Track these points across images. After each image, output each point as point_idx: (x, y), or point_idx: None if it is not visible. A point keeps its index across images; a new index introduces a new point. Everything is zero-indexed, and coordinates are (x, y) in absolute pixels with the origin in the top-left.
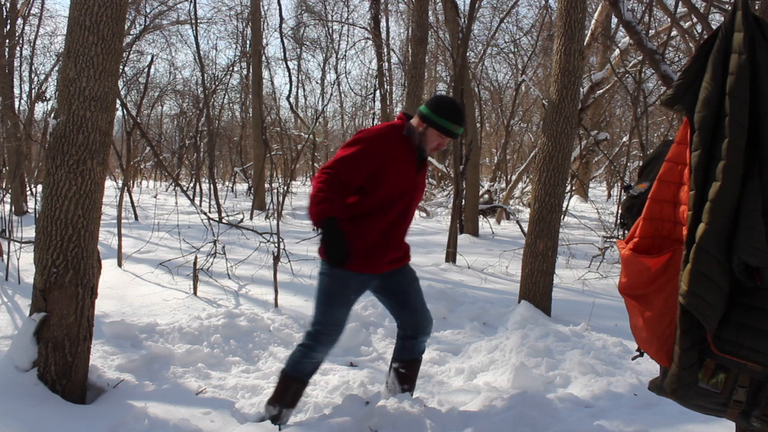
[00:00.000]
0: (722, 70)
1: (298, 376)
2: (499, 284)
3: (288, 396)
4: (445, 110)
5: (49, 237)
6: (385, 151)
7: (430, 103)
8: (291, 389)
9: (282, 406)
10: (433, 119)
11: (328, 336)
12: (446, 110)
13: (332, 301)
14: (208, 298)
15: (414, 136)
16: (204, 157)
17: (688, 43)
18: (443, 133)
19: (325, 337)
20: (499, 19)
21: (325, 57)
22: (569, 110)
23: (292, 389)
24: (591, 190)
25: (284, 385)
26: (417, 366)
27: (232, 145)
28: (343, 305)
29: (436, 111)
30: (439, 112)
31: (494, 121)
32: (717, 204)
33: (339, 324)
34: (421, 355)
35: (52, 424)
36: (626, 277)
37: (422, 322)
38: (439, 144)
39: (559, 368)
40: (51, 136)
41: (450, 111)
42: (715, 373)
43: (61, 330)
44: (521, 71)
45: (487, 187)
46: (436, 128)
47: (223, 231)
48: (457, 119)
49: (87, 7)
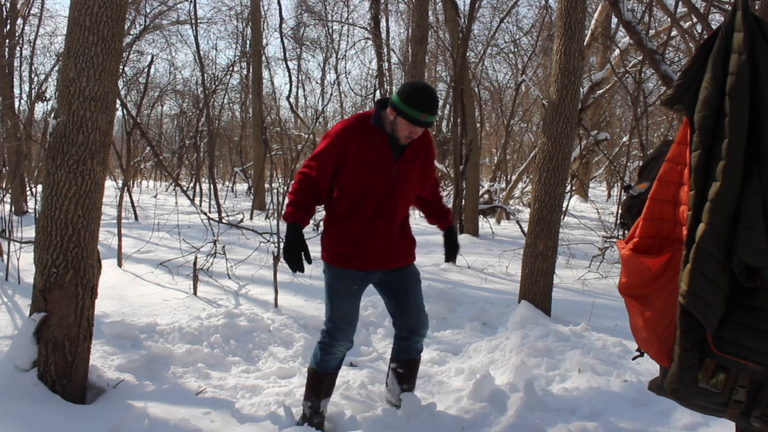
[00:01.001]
0: (722, 70)
1: (325, 371)
2: (499, 284)
3: (323, 389)
4: (412, 98)
5: (49, 237)
6: (350, 143)
7: (400, 90)
8: (324, 383)
9: (320, 398)
10: (401, 108)
11: (341, 330)
12: (414, 98)
13: (336, 296)
14: (208, 298)
15: (386, 124)
16: (204, 157)
17: (688, 43)
18: (411, 122)
19: (338, 332)
20: (499, 19)
21: (325, 57)
22: (569, 110)
23: (324, 383)
24: (591, 190)
25: (315, 380)
26: (414, 365)
27: (232, 145)
28: (347, 298)
29: (404, 99)
30: (406, 100)
31: (494, 121)
32: (717, 204)
33: (349, 317)
34: (418, 355)
35: (52, 424)
36: (626, 277)
37: (416, 324)
38: (410, 132)
39: (559, 368)
40: (51, 136)
41: (417, 99)
42: (715, 373)
43: (61, 330)
44: (521, 71)
45: (487, 187)
46: (404, 117)
47: (223, 231)
48: (426, 107)
49: (87, 7)
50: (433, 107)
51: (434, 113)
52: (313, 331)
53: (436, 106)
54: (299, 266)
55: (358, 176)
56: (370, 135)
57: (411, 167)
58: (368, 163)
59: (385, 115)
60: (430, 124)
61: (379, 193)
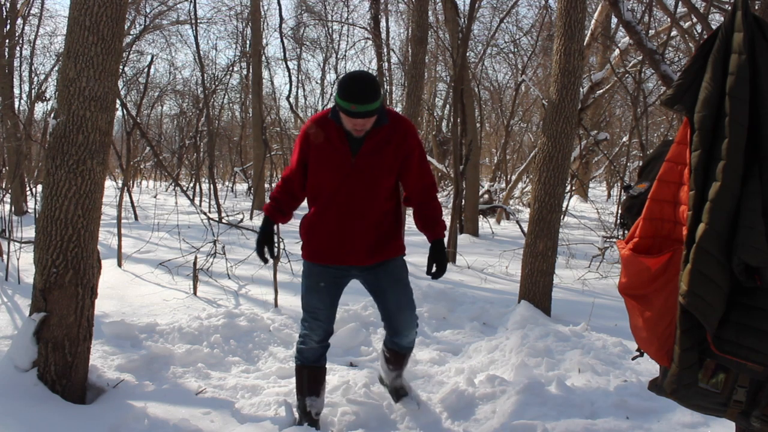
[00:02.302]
0: (722, 70)
1: (302, 364)
2: (499, 284)
3: (303, 383)
4: (342, 90)
5: (49, 237)
6: (310, 139)
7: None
8: (303, 376)
9: (304, 396)
10: (336, 101)
11: (309, 322)
12: (343, 90)
13: (305, 290)
14: (208, 298)
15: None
16: (204, 157)
17: (688, 43)
18: (346, 114)
19: (307, 323)
20: (499, 19)
21: (325, 57)
22: (569, 110)
23: (303, 376)
24: (591, 190)
25: (297, 375)
26: (400, 358)
27: (232, 145)
28: (314, 292)
29: (337, 91)
30: (338, 93)
31: (494, 121)
32: (717, 204)
33: (315, 311)
34: (404, 350)
35: (52, 424)
36: (626, 277)
37: (397, 324)
38: (354, 125)
39: (559, 368)
40: (51, 136)
41: (346, 90)
42: (715, 373)
43: (61, 330)
44: (521, 71)
45: (487, 187)
46: (340, 110)
47: (223, 231)
48: (353, 97)
49: (87, 7)
50: (360, 97)
51: (365, 102)
52: None
53: (366, 95)
54: (262, 257)
55: (315, 170)
56: (328, 130)
57: (372, 161)
58: (324, 157)
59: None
60: (364, 113)
61: (335, 187)
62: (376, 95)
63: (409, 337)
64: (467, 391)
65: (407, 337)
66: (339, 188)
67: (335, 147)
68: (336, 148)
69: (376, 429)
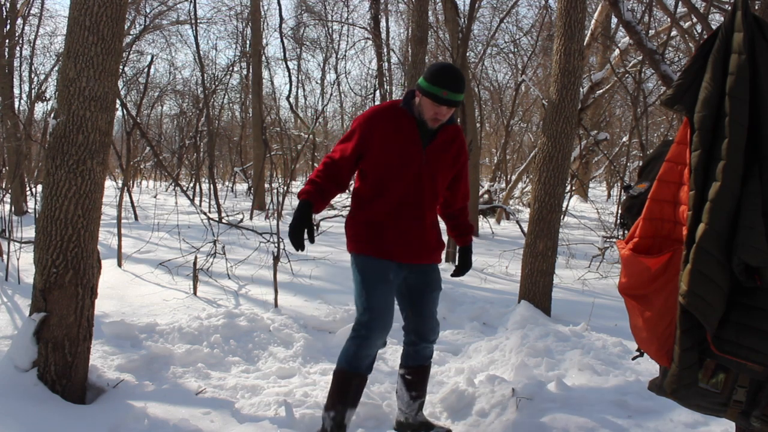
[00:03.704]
0: (722, 70)
1: (356, 370)
2: (499, 284)
3: (350, 393)
4: (434, 76)
5: (49, 237)
6: (376, 128)
7: (425, 71)
8: (353, 385)
9: (347, 406)
10: (424, 87)
11: (377, 320)
12: (436, 76)
13: (368, 284)
14: (208, 298)
15: (414, 110)
16: (204, 157)
17: (688, 43)
18: (433, 101)
19: (375, 321)
20: (499, 19)
21: (325, 57)
22: (569, 110)
23: (353, 385)
24: (591, 190)
25: (343, 382)
26: (423, 372)
27: (232, 145)
28: (380, 284)
29: (427, 78)
30: (429, 79)
31: (494, 121)
32: (717, 204)
33: (385, 305)
34: (428, 361)
35: (52, 424)
36: (626, 277)
37: (426, 330)
38: (435, 113)
39: (558, 368)
40: (51, 136)
41: (439, 77)
42: (715, 373)
43: (61, 330)
44: (521, 71)
45: (487, 187)
46: (426, 96)
47: (223, 231)
48: (447, 84)
49: (87, 7)
50: (455, 85)
51: (457, 91)
52: (313, 332)
53: (459, 84)
54: (300, 243)
55: (384, 160)
56: (398, 119)
57: (440, 157)
58: (395, 148)
59: (414, 102)
60: (453, 102)
61: (407, 178)
62: (464, 88)
63: (432, 345)
64: (467, 391)
65: (431, 345)
66: (411, 179)
67: (408, 138)
68: (409, 138)
69: (375, 429)
